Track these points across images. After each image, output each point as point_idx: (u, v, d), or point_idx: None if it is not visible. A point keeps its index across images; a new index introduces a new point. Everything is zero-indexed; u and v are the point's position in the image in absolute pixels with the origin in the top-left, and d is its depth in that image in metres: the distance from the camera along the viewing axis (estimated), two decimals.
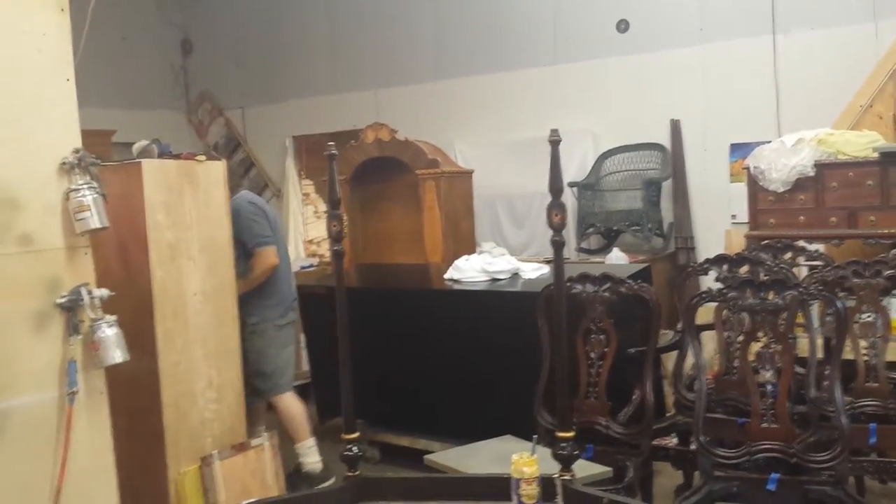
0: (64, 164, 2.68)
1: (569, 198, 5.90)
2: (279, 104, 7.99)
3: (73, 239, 2.70)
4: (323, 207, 7.86)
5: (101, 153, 3.17)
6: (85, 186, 2.67)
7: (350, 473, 1.97)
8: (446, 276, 4.62)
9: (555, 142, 1.93)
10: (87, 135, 2.84)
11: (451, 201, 5.57)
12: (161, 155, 3.54)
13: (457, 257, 4.78)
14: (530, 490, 1.83)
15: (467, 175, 5.87)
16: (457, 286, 4.48)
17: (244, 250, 4.08)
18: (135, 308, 3.21)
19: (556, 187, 1.95)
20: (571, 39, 6.37)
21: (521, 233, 6.45)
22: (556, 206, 1.94)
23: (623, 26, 6.13)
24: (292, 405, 4.27)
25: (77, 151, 2.71)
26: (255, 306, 4.14)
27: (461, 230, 5.66)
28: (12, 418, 2.50)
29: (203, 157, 3.59)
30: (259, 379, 4.18)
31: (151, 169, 3.33)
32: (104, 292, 2.71)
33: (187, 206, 3.43)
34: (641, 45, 6.04)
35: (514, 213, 6.52)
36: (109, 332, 2.69)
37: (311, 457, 4.24)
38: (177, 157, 3.55)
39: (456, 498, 1.93)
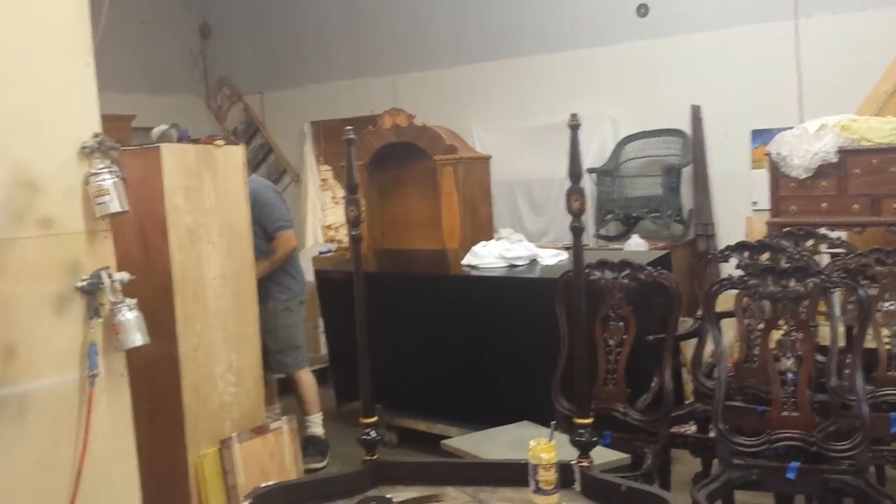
0: (84, 148, 2.68)
1: (587, 184, 5.87)
2: (297, 89, 7.99)
3: (94, 223, 2.70)
4: (341, 193, 7.87)
5: (121, 138, 3.17)
6: (105, 170, 2.67)
7: (368, 457, 1.98)
8: (464, 261, 4.61)
9: (574, 126, 1.92)
10: (106, 119, 2.85)
11: (469, 187, 5.56)
12: (180, 139, 3.54)
13: (474, 243, 4.77)
14: (548, 476, 1.83)
15: (485, 161, 5.85)
16: (474, 272, 4.47)
17: (263, 233, 4.22)
18: (155, 291, 3.23)
19: (575, 172, 1.93)
20: (591, 24, 6.32)
21: (539, 219, 6.43)
22: (575, 192, 1.92)
23: (643, 10, 6.08)
24: (312, 378, 4.60)
25: (97, 135, 2.71)
26: (284, 284, 4.44)
27: (479, 216, 5.65)
28: (34, 400, 2.52)
29: (222, 142, 3.60)
30: (291, 353, 4.45)
31: (171, 153, 3.34)
32: (124, 276, 2.72)
33: (206, 191, 3.43)
34: (662, 30, 5.98)
35: (532, 200, 6.50)
36: (129, 315, 2.70)
37: (320, 428, 4.58)
38: (196, 141, 3.55)
39: (473, 483, 1.93)
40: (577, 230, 1.97)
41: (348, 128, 2.16)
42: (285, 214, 4.44)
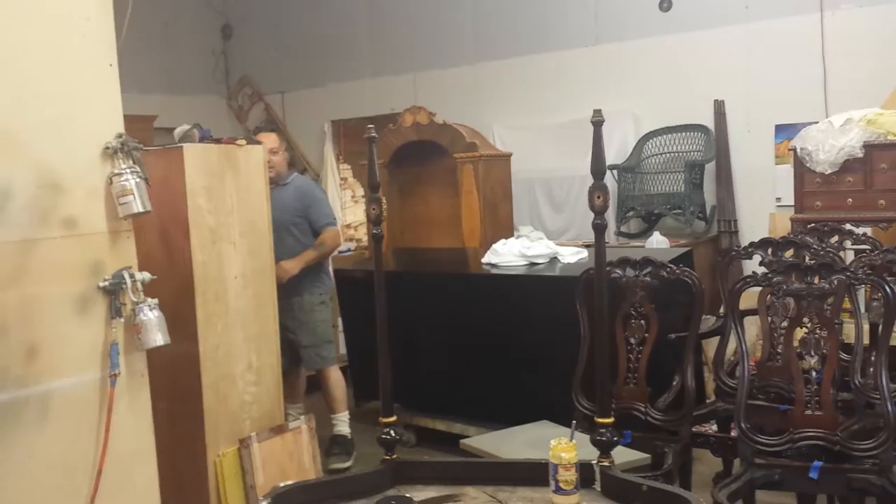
0: (107, 148, 2.71)
1: (609, 181, 5.80)
2: (318, 88, 8.01)
3: (116, 223, 2.73)
4: (360, 192, 7.88)
5: (143, 138, 3.20)
6: (128, 171, 2.70)
7: (387, 457, 1.98)
8: (484, 260, 4.60)
9: (597, 122, 1.90)
10: (129, 120, 2.87)
11: (490, 185, 5.54)
12: (202, 139, 3.56)
13: (495, 241, 4.76)
14: (568, 476, 1.82)
15: (506, 158, 5.83)
16: (494, 270, 4.46)
17: (310, 228, 4.47)
18: (176, 291, 3.25)
19: (598, 169, 1.92)
20: (613, 19, 6.27)
21: (559, 217, 6.40)
22: (598, 188, 1.91)
23: (666, 5, 6.02)
24: (341, 376, 4.65)
25: (120, 136, 2.73)
26: (322, 280, 4.60)
27: (499, 214, 5.63)
28: (55, 399, 2.54)
29: (244, 142, 3.61)
30: (326, 348, 4.54)
31: (193, 153, 3.36)
32: (146, 276, 2.74)
33: (228, 191, 3.45)
34: (685, 24, 5.92)
35: (552, 197, 6.47)
36: (151, 315, 2.72)
37: (346, 427, 4.59)
38: (218, 141, 3.57)
39: (492, 482, 1.93)
40: (599, 227, 1.96)
41: (370, 126, 2.16)
42: (332, 212, 4.66)
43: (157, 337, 2.72)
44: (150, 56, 7.38)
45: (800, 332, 2.72)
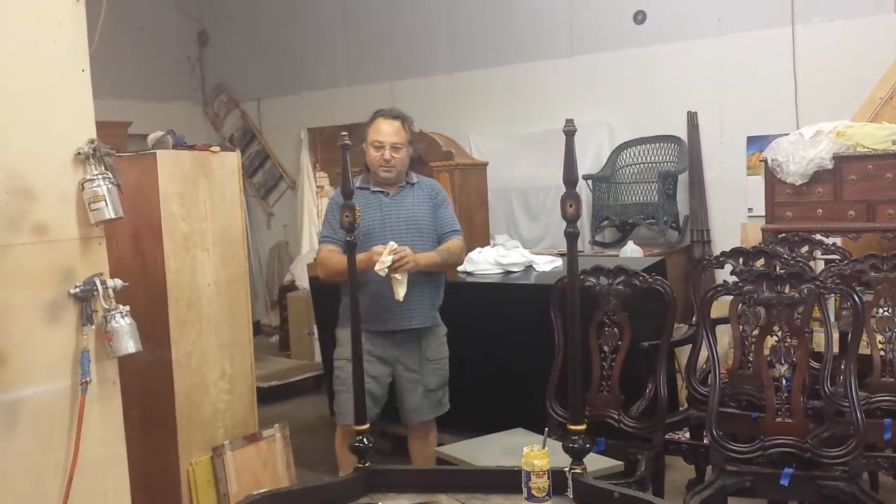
0: (79, 154, 2.68)
1: (583, 190, 5.88)
2: (295, 96, 8.01)
3: (88, 229, 2.70)
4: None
5: (118, 145, 3.17)
6: (100, 177, 2.67)
7: (360, 464, 1.97)
8: (459, 268, 4.61)
9: (570, 132, 1.92)
10: (103, 126, 2.84)
11: (466, 193, 5.55)
12: (176, 146, 3.54)
13: (470, 250, 4.76)
14: (541, 483, 1.82)
15: (482, 167, 5.84)
16: (470, 278, 4.47)
17: (435, 235, 3.53)
18: (149, 298, 3.22)
19: (570, 178, 1.93)
20: (588, 31, 6.33)
21: (535, 225, 6.43)
22: (570, 197, 1.92)
23: (640, 17, 6.09)
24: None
25: (92, 142, 2.71)
26: (437, 308, 3.60)
27: (475, 222, 5.64)
28: (26, 407, 2.51)
29: (217, 148, 3.59)
30: (444, 391, 3.61)
31: (166, 159, 3.33)
32: (118, 283, 2.72)
33: (202, 197, 3.43)
34: (659, 37, 6.00)
35: (528, 206, 6.50)
36: (123, 322, 2.69)
37: None
38: (191, 147, 3.55)
39: (465, 490, 1.93)
40: (571, 236, 1.97)
41: (343, 133, 2.16)
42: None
43: (129, 344, 2.69)
44: (126, 62, 7.34)
45: (770, 341, 2.75)
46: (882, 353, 3.09)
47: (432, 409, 3.57)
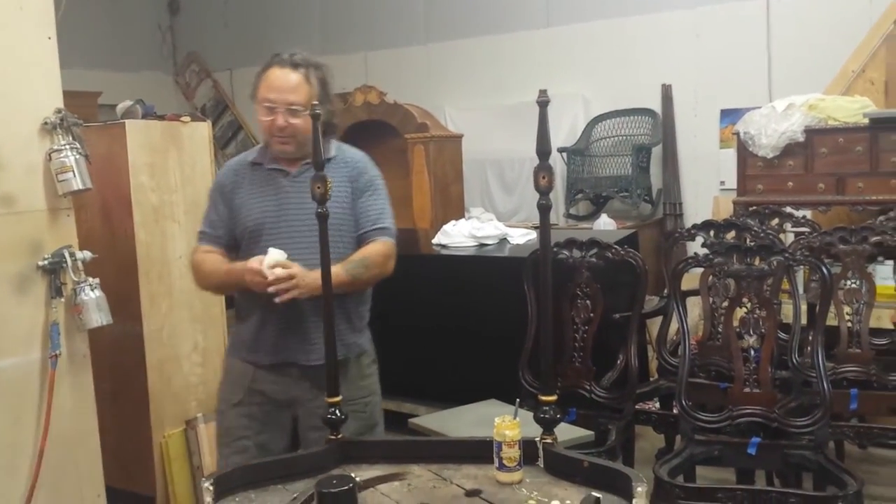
0: (45, 124, 2.65)
1: (558, 163, 5.88)
2: None
3: (56, 200, 2.68)
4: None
5: (87, 115, 3.13)
6: (67, 147, 2.64)
7: (332, 436, 1.98)
8: (434, 240, 4.61)
9: (543, 102, 1.90)
10: (72, 96, 2.81)
11: (440, 166, 5.54)
12: (145, 116, 3.49)
13: (445, 222, 4.76)
14: (512, 453, 1.84)
15: (457, 139, 5.83)
16: (444, 251, 4.47)
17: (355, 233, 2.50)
18: (119, 271, 3.20)
19: (543, 149, 1.92)
20: (564, 2, 6.30)
21: (510, 198, 6.43)
22: (543, 169, 1.91)
23: None
24: None
25: (59, 111, 2.68)
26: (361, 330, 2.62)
27: (450, 195, 5.63)
28: None
29: (188, 118, 3.55)
30: (377, 433, 2.63)
31: (135, 130, 3.30)
32: (87, 255, 2.70)
33: (172, 168, 3.40)
34: (634, 8, 5.98)
35: (503, 179, 6.50)
36: (92, 294, 2.68)
37: None
38: (161, 118, 3.51)
39: (437, 461, 1.94)
40: (544, 208, 1.96)
41: (314, 103, 2.13)
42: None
43: (99, 317, 2.68)
44: (95, 31, 7.21)
45: (739, 312, 2.78)
46: (849, 324, 3.13)
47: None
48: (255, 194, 2.43)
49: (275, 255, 2.24)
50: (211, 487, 1.75)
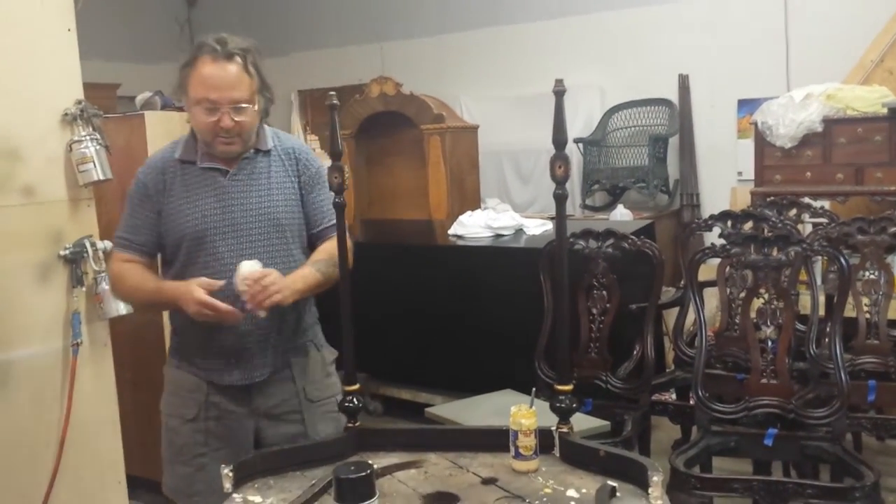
0: (66, 115, 2.68)
1: (574, 154, 5.87)
2: (284, 58, 7.93)
3: (76, 191, 2.70)
4: (328, 162, 7.83)
5: (106, 107, 3.15)
6: (87, 138, 2.67)
7: (350, 424, 1.99)
8: (450, 231, 4.62)
9: (559, 92, 1.90)
10: (91, 88, 2.83)
11: (456, 157, 5.54)
12: (164, 107, 3.52)
13: (461, 213, 4.77)
14: (528, 442, 1.84)
15: (473, 130, 5.83)
16: (460, 242, 4.48)
17: (307, 232, 2.32)
18: None
19: (559, 139, 1.92)
20: None
21: (526, 189, 6.43)
22: (559, 158, 1.91)
23: None
24: None
25: (79, 102, 2.70)
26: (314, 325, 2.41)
27: (466, 186, 5.64)
28: (17, 369, 2.53)
29: None
30: None
31: (154, 121, 3.33)
32: (108, 244, 2.72)
33: None
34: None
35: (519, 170, 6.50)
36: None
37: None
38: (180, 109, 3.53)
39: (454, 449, 1.95)
40: (560, 197, 1.96)
41: (331, 93, 2.10)
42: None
43: (119, 306, 2.71)
44: (114, 24, 7.25)
45: (757, 303, 2.77)
46: (867, 315, 3.12)
47: None
48: (191, 197, 2.18)
49: (248, 268, 2.02)
50: (230, 473, 1.77)
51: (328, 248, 2.23)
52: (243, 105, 2.14)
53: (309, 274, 2.16)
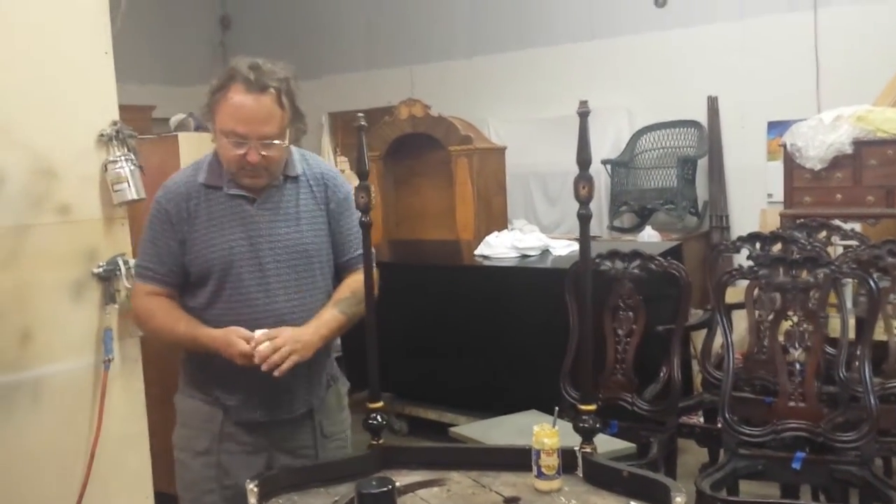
0: (102, 136, 2.73)
1: (602, 175, 5.88)
2: (315, 81, 8.03)
3: (111, 210, 2.76)
4: (356, 182, 7.90)
5: (141, 128, 3.22)
6: (122, 158, 2.72)
7: (374, 442, 2.01)
8: (477, 252, 4.64)
9: (583, 113, 1.92)
10: (127, 110, 2.89)
11: (484, 178, 5.57)
12: (198, 129, 3.59)
13: (488, 234, 4.79)
14: (550, 461, 1.85)
15: (500, 151, 5.86)
16: (486, 262, 4.49)
17: (335, 261, 2.24)
18: None
19: (583, 159, 1.93)
20: (608, 14, 6.31)
21: (553, 210, 6.44)
22: (583, 179, 1.93)
23: (661, 1, 6.06)
24: None
25: (115, 124, 2.76)
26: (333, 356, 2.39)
27: (493, 207, 5.66)
28: (49, 385, 2.57)
29: None
30: None
31: (188, 142, 3.39)
32: None
33: None
34: (679, 20, 5.97)
35: (546, 191, 6.51)
36: None
37: None
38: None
39: (477, 468, 1.96)
40: (584, 218, 1.97)
41: (360, 114, 2.11)
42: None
43: None
44: (149, 47, 7.41)
45: (785, 326, 2.75)
46: None
47: None
48: (216, 227, 2.10)
49: (260, 334, 2.00)
50: (256, 489, 1.79)
51: (352, 284, 2.16)
52: (272, 139, 2.04)
53: (332, 319, 2.11)
